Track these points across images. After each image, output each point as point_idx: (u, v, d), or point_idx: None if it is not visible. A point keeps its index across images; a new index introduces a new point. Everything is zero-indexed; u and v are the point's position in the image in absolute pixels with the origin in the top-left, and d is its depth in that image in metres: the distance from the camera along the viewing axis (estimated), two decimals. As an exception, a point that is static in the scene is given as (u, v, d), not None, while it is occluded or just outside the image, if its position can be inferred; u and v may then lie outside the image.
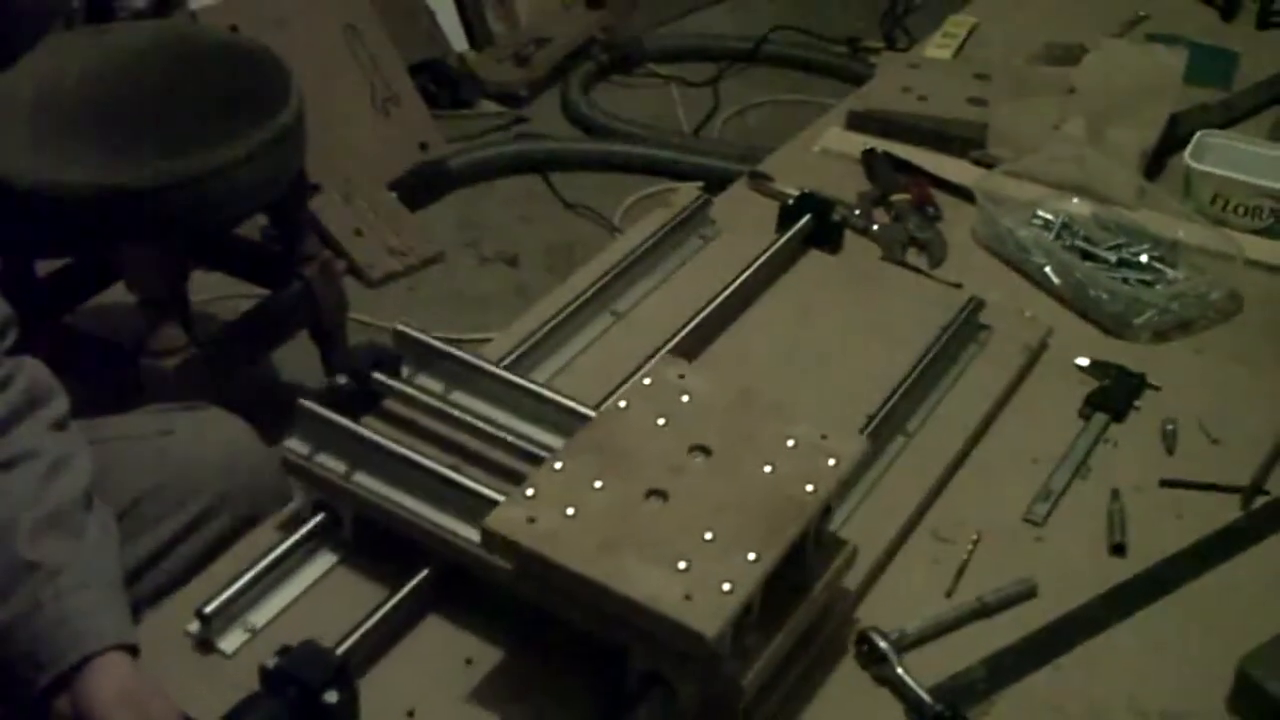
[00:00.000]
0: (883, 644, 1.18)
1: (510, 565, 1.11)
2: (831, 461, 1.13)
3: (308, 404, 1.28)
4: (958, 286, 1.63)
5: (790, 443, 1.15)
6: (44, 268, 2.49)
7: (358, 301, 2.88)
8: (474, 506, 1.17)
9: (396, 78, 3.42)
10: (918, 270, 1.68)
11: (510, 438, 1.29)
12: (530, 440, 1.28)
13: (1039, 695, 1.18)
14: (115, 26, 2.63)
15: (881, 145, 1.91)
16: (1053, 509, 1.36)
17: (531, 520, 1.07)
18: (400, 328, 1.41)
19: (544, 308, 1.52)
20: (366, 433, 1.26)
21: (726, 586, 1.02)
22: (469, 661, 1.17)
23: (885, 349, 1.50)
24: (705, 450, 1.15)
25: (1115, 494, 1.37)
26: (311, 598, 1.23)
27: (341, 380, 1.34)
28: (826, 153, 1.94)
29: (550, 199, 3.47)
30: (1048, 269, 1.65)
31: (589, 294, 1.53)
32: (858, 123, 1.97)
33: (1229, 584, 1.29)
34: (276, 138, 2.21)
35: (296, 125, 2.27)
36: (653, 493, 1.11)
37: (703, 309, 1.50)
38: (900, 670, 1.17)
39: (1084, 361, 1.54)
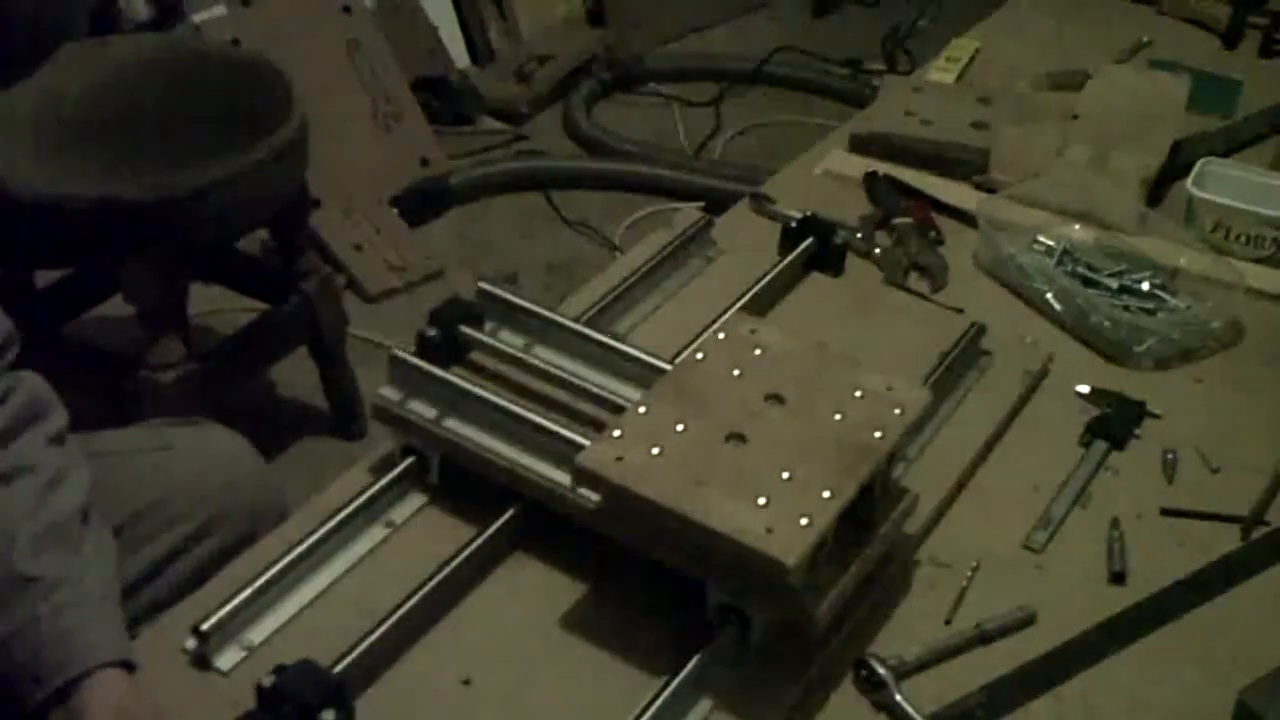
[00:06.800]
0: (881, 670, 1.18)
1: (599, 502, 1.18)
2: (897, 411, 1.21)
3: (400, 353, 1.35)
4: (959, 311, 1.62)
5: (858, 393, 1.23)
6: (43, 278, 2.49)
7: (357, 317, 2.88)
8: (560, 449, 1.25)
9: (398, 93, 3.43)
10: (919, 294, 1.68)
11: (591, 387, 1.34)
12: (609, 390, 1.33)
13: (1038, 724, 1.18)
14: (118, 39, 2.62)
15: (884, 168, 1.91)
16: (1052, 537, 1.35)
17: (620, 459, 1.15)
18: (482, 285, 1.48)
19: (545, 327, 1.52)
20: (457, 380, 1.33)
21: (804, 521, 1.10)
22: (466, 683, 1.17)
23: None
24: (779, 399, 1.22)
25: (1115, 522, 1.37)
26: (310, 615, 1.22)
27: (430, 332, 1.38)
28: (828, 175, 1.94)
29: (551, 217, 3.47)
30: (1049, 295, 1.65)
31: (589, 314, 1.52)
32: (860, 145, 1.97)
33: (1229, 614, 1.29)
34: (278, 152, 2.21)
35: (299, 140, 2.27)
36: (732, 435, 1.18)
37: (703, 331, 1.50)
38: (899, 697, 1.17)
39: (1085, 389, 1.54)
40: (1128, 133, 1.89)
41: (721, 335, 1.30)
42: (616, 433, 1.17)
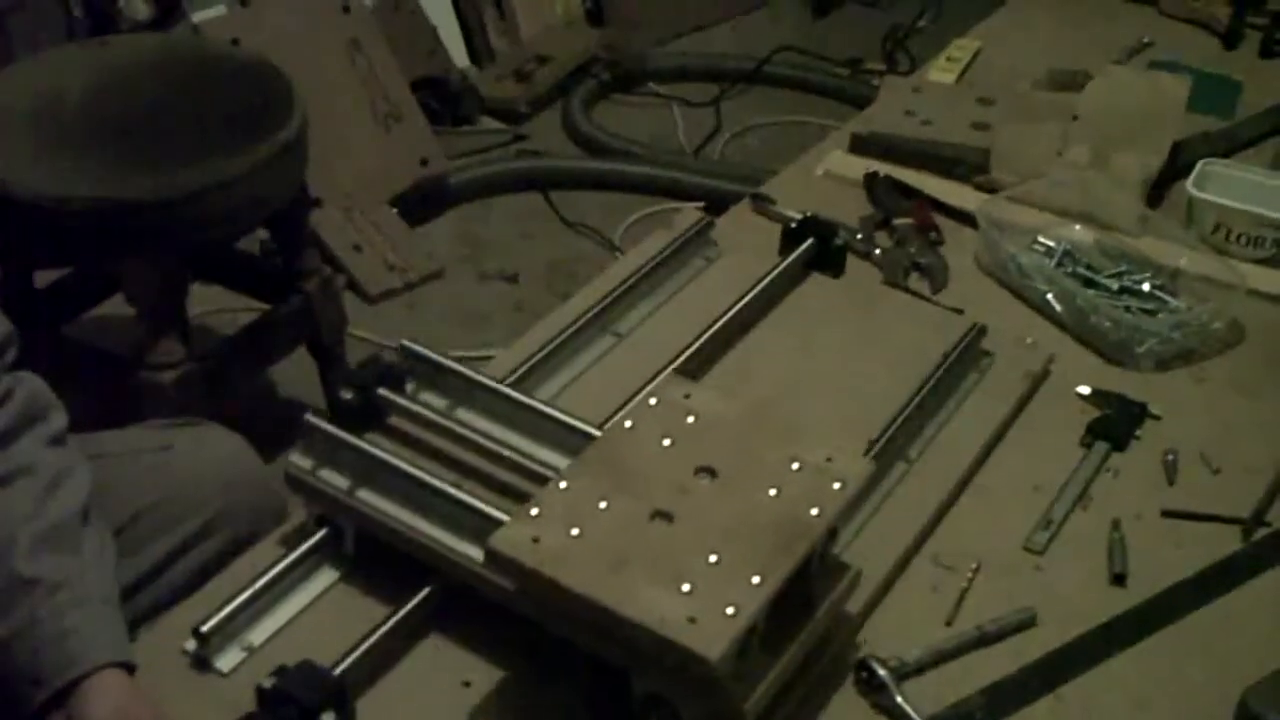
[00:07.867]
0: (882, 672, 1.18)
1: (514, 585, 1.10)
2: (837, 485, 1.13)
3: (313, 419, 1.27)
4: (959, 312, 1.62)
5: (795, 465, 1.14)
6: (43, 278, 2.48)
7: (357, 317, 2.88)
8: (478, 525, 1.16)
9: (398, 93, 3.42)
10: (919, 295, 1.68)
11: (515, 456, 1.27)
12: (534, 459, 1.26)
13: (1038, 725, 1.18)
14: (117, 39, 2.62)
15: (884, 169, 1.91)
16: (1053, 538, 1.35)
17: (536, 540, 1.07)
18: (405, 344, 1.39)
19: (544, 328, 1.51)
20: (371, 448, 1.25)
21: (730, 610, 1.02)
22: (467, 684, 1.17)
23: (886, 374, 1.49)
24: (711, 472, 1.14)
25: (1116, 524, 1.36)
26: (309, 617, 1.23)
27: (346, 395, 1.31)
28: (829, 175, 1.94)
29: (550, 217, 3.47)
30: (1049, 296, 1.65)
31: (590, 314, 1.52)
32: (860, 146, 1.97)
33: (1230, 615, 1.29)
34: (279, 152, 2.21)
35: (299, 140, 2.27)
36: (658, 514, 1.10)
37: (704, 332, 1.50)
38: (899, 699, 1.17)
39: (1085, 390, 1.54)
40: (1128, 133, 1.89)
41: (653, 400, 1.22)
42: (534, 511, 1.10)
